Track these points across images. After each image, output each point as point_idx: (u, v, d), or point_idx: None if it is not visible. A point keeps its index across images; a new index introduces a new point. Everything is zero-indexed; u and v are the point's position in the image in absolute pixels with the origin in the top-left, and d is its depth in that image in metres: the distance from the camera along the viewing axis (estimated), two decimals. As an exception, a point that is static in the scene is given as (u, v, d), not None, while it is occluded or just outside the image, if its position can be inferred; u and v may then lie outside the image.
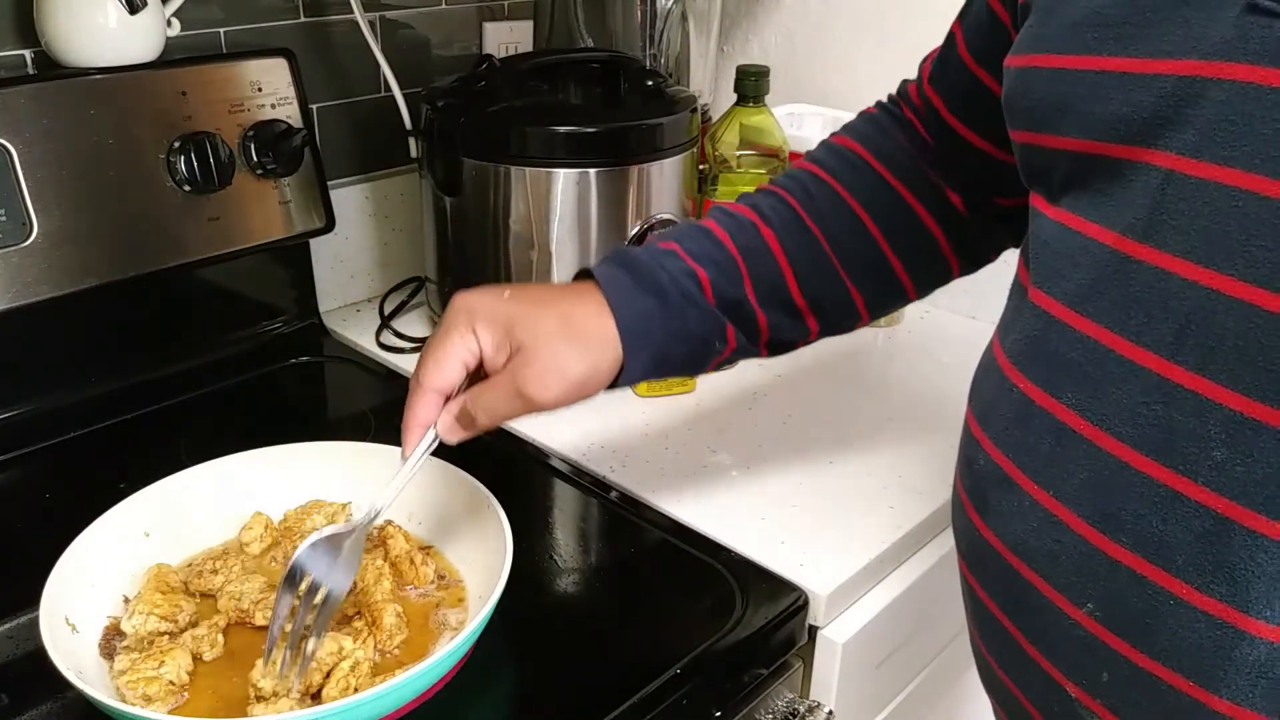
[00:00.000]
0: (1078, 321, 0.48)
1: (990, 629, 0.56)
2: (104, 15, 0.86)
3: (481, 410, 0.61)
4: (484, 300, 0.62)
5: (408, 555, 0.69)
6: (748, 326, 0.69)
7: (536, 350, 0.60)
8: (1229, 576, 0.43)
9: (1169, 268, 0.44)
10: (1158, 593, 0.45)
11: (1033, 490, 0.51)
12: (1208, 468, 0.43)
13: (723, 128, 1.06)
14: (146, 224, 0.89)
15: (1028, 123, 0.53)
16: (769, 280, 0.69)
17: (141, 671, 0.59)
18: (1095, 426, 0.47)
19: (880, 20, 1.22)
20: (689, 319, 0.66)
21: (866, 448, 0.89)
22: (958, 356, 1.05)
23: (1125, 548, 0.46)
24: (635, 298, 0.64)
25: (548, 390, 0.60)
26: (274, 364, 1.02)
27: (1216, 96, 0.42)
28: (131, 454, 0.87)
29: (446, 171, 0.99)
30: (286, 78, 0.97)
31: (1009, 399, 0.53)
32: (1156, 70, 0.44)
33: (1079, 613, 0.48)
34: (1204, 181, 0.43)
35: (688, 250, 0.67)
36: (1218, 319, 0.42)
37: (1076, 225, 0.49)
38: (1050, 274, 0.51)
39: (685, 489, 0.82)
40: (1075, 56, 0.48)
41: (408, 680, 0.57)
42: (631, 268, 0.65)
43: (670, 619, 0.71)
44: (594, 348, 0.62)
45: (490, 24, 1.21)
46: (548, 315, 0.61)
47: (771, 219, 0.70)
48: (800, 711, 0.72)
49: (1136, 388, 0.45)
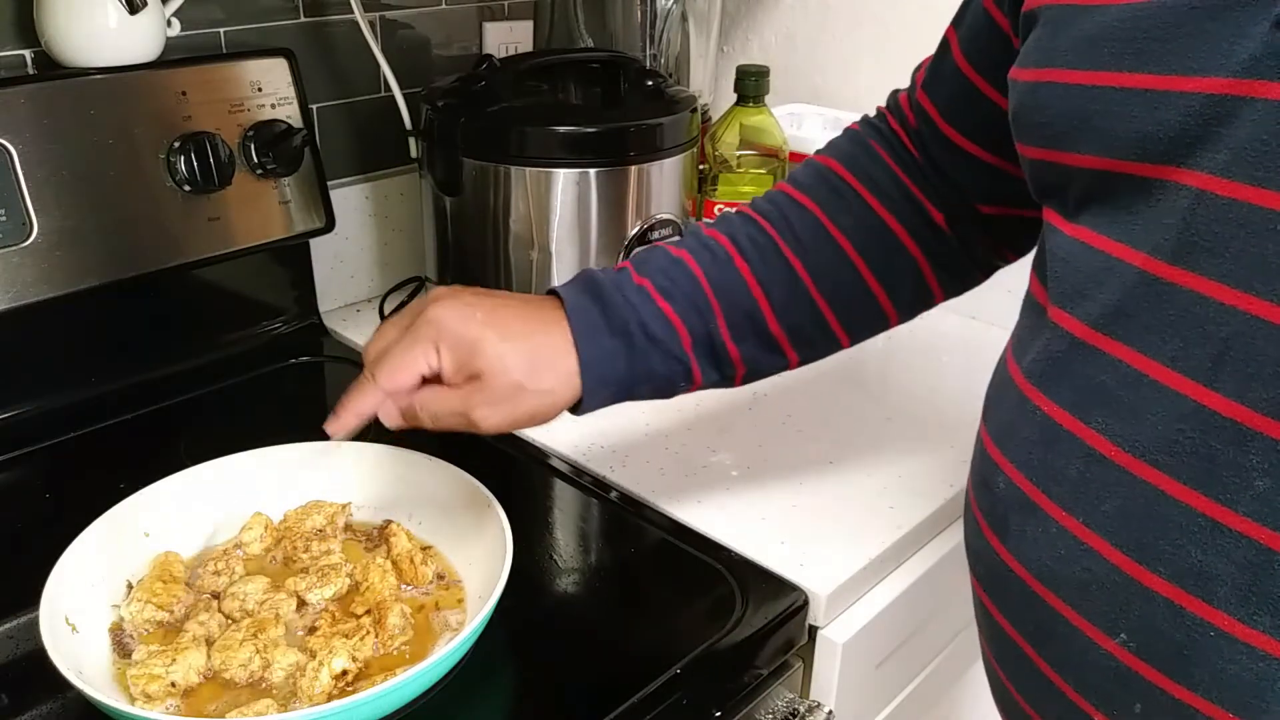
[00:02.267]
0: (1106, 344, 0.47)
1: (1009, 654, 0.55)
2: (104, 15, 0.86)
3: (428, 415, 0.64)
4: (454, 318, 0.63)
5: (408, 555, 0.69)
6: (720, 362, 0.69)
7: (492, 384, 0.63)
8: (1273, 608, 0.42)
9: (1205, 291, 0.43)
10: (1197, 624, 0.44)
11: (1060, 516, 0.49)
12: (1249, 498, 0.42)
13: (723, 128, 1.06)
14: (146, 224, 0.89)
15: (1041, 139, 0.51)
16: (743, 314, 0.68)
17: (149, 668, 0.59)
18: (1128, 454, 0.46)
19: (880, 20, 1.22)
20: (653, 361, 0.67)
21: (866, 448, 0.89)
22: (958, 357, 1.05)
23: (1162, 578, 0.45)
24: (601, 339, 0.65)
25: (492, 421, 0.63)
26: (274, 364, 1.02)
27: (1249, 116, 0.41)
28: (131, 454, 0.87)
29: (446, 171, 0.99)
30: (286, 78, 0.97)
31: (1031, 421, 0.51)
32: (1183, 89, 0.43)
33: (1111, 643, 0.47)
34: (1238, 203, 0.42)
35: (659, 288, 0.67)
36: (1258, 345, 0.41)
37: (1098, 244, 0.48)
38: (1071, 293, 0.49)
39: (685, 489, 0.82)
40: (1092, 72, 0.47)
41: (408, 680, 0.57)
42: (602, 303, 0.66)
43: (670, 619, 0.71)
44: (552, 385, 0.64)
45: (490, 24, 1.21)
46: (511, 351, 0.63)
47: (747, 249, 0.69)
48: (800, 711, 0.72)
49: (1173, 414, 0.44)
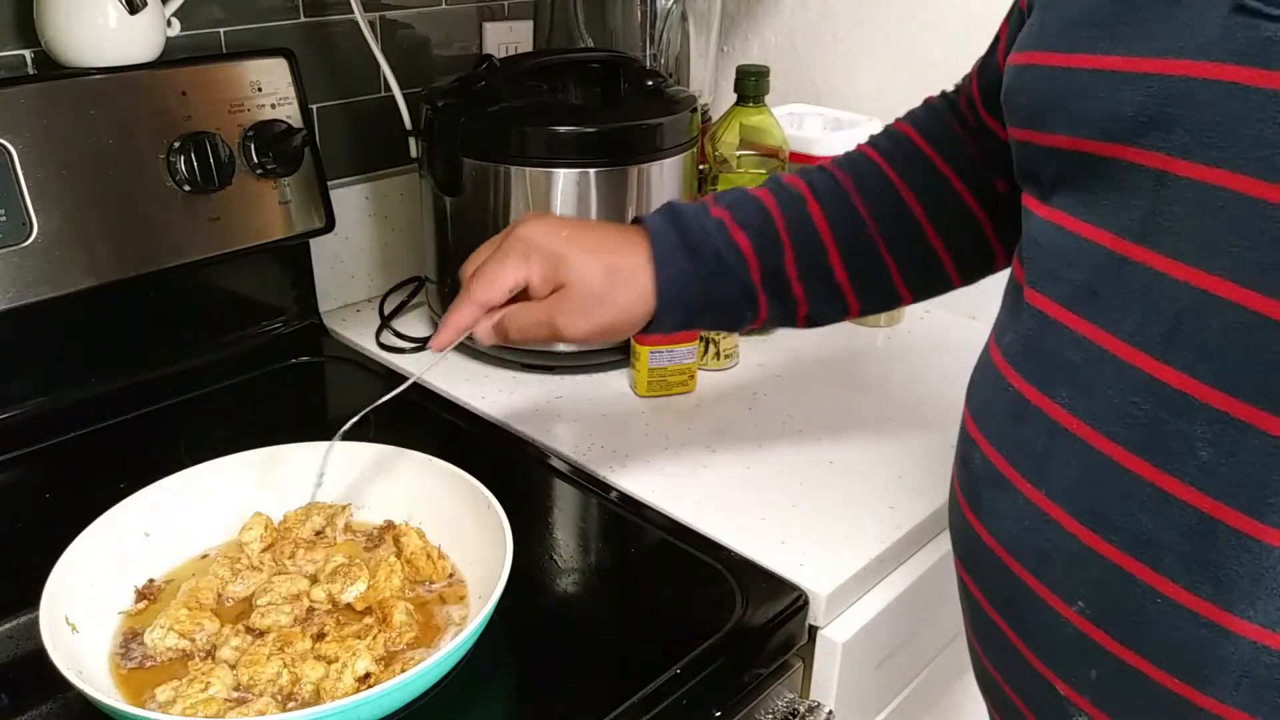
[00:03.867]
0: (1074, 322, 0.49)
1: (984, 627, 0.56)
2: (104, 15, 0.86)
3: (516, 328, 0.68)
4: (542, 234, 0.68)
5: (424, 551, 0.69)
6: (785, 298, 0.72)
7: (576, 293, 0.67)
8: (1214, 576, 0.43)
9: (1161, 269, 0.44)
10: (1146, 591, 0.45)
11: (1025, 489, 0.51)
12: (1194, 467, 0.43)
13: (723, 128, 1.06)
14: (146, 224, 0.89)
15: (1023, 120, 0.53)
16: (811, 255, 0.71)
17: (192, 697, 0.58)
18: (1087, 425, 0.47)
19: (880, 20, 1.22)
20: (722, 287, 0.70)
21: (866, 448, 0.89)
22: (958, 357, 1.05)
23: (1115, 546, 0.46)
24: (678, 259, 0.69)
25: (576, 329, 0.68)
26: (274, 364, 1.02)
27: (1204, 97, 0.42)
28: (131, 454, 0.87)
29: (446, 171, 0.99)
30: (286, 78, 0.97)
31: (1004, 398, 0.53)
32: (1144, 70, 0.45)
33: (1069, 611, 0.49)
34: (1195, 182, 0.43)
35: (736, 219, 0.71)
36: (1206, 319, 0.43)
37: (1069, 225, 0.50)
38: (1044, 274, 0.51)
39: (685, 489, 0.82)
40: (1069, 55, 0.49)
41: (408, 680, 0.57)
42: (680, 227, 0.70)
43: (670, 619, 0.71)
44: (629, 300, 0.68)
45: (490, 24, 1.21)
46: (594, 263, 0.67)
47: (821, 195, 0.72)
48: (800, 711, 0.72)
49: (1127, 387, 0.46)
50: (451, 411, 0.94)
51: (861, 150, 0.75)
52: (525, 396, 0.95)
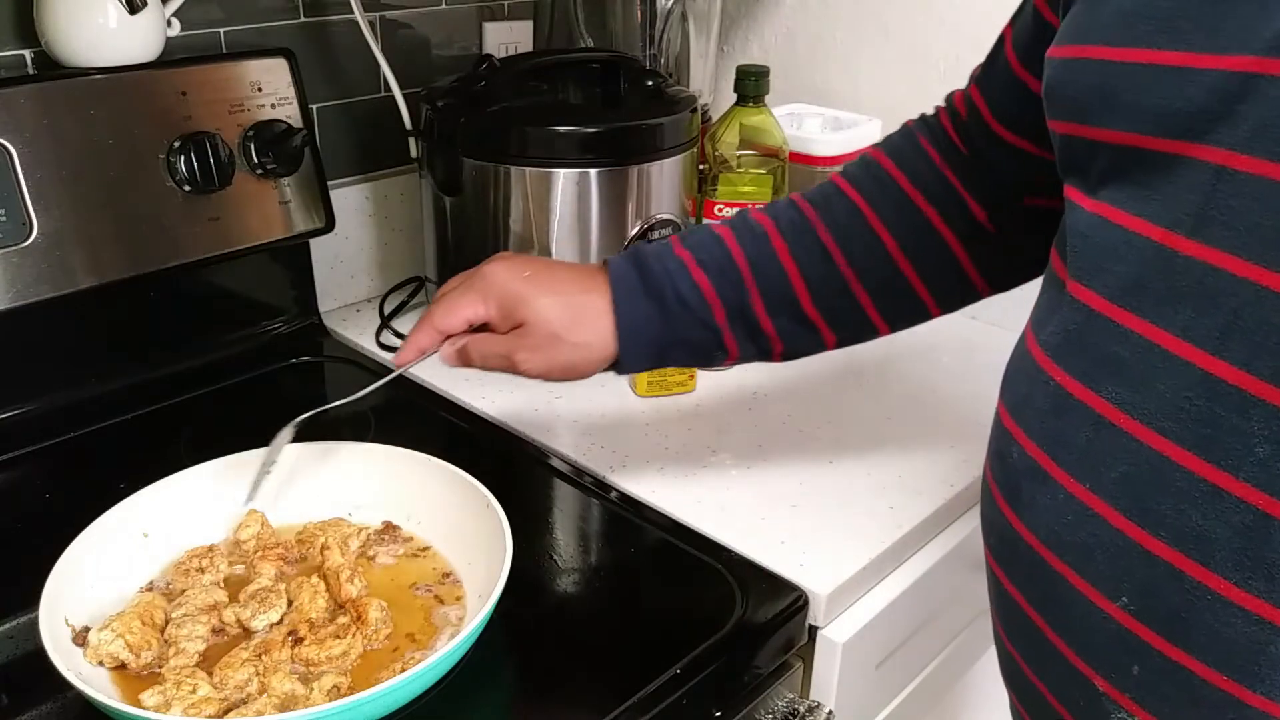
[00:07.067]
0: (1121, 316, 0.48)
1: (1015, 622, 0.56)
2: (104, 15, 0.86)
3: (477, 355, 0.71)
4: (504, 274, 0.70)
5: (335, 571, 0.67)
6: (757, 337, 0.72)
7: (534, 331, 0.69)
8: (1267, 572, 0.43)
9: (1218, 263, 0.44)
10: (1195, 587, 0.45)
11: (1067, 483, 0.50)
12: (1250, 464, 0.43)
13: (723, 128, 1.06)
14: (146, 224, 0.89)
15: (1070, 113, 0.52)
16: (777, 292, 0.71)
17: (187, 699, 0.58)
18: (1136, 420, 0.47)
19: (880, 20, 1.22)
20: (686, 329, 0.71)
21: (866, 448, 0.89)
22: (958, 357, 1.05)
23: (1164, 542, 0.46)
24: (638, 301, 0.70)
25: (533, 365, 0.70)
26: (274, 364, 1.02)
27: (1271, 92, 0.42)
28: (131, 454, 0.87)
29: (446, 171, 0.99)
30: (286, 78, 0.97)
31: (1044, 391, 0.53)
32: (1208, 65, 0.44)
33: (1112, 606, 0.48)
34: (1256, 178, 0.43)
35: (698, 260, 0.71)
36: (1265, 315, 0.42)
37: (1118, 219, 0.49)
38: (1090, 267, 0.51)
39: (685, 489, 0.82)
40: (1125, 49, 0.48)
41: (407, 680, 0.57)
42: (642, 270, 0.71)
43: (670, 619, 0.71)
44: (588, 340, 0.70)
45: (490, 24, 1.21)
46: (553, 304, 0.69)
47: (785, 230, 0.71)
48: (800, 711, 0.72)
49: (1180, 383, 0.45)
50: (451, 411, 0.94)
51: (833, 180, 0.74)
52: (525, 396, 0.95)
